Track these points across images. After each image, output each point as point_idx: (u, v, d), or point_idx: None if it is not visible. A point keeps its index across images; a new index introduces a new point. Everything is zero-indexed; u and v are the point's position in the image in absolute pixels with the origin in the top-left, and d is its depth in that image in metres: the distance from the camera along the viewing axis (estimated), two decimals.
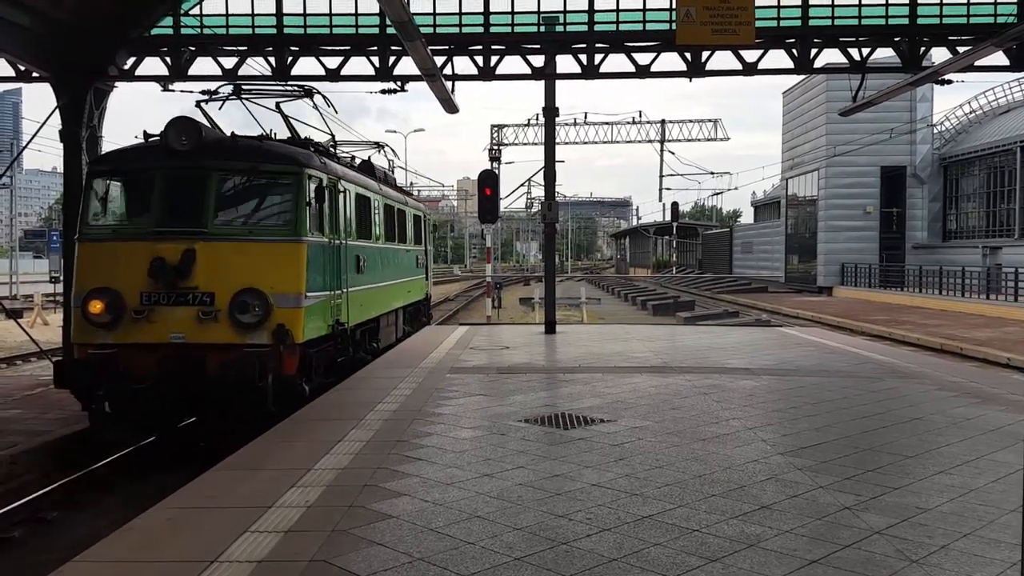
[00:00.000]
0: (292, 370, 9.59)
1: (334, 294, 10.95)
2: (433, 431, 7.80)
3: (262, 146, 10.54)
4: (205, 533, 5.06)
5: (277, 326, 9.45)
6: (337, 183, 11.34)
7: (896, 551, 4.68)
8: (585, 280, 68.25)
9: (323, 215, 10.62)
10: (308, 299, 9.85)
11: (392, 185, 17.57)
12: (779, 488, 5.90)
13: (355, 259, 12.15)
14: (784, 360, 13.07)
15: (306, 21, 15.81)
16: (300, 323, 9.67)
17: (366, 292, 12.97)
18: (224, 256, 9.58)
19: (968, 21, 15.68)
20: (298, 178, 10.07)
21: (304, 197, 10.01)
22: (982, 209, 41.94)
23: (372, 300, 13.52)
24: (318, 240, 10.41)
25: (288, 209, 10.06)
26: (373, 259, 13.52)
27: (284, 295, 9.60)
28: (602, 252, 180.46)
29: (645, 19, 15.76)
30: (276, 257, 9.80)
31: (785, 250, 51.39)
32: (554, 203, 17.81)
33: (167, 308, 9.44)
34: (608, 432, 7.72)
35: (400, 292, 16.70)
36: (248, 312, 9.43)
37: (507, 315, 29.54)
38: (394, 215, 16.05)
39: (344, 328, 11.46)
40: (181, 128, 9.81)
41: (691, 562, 4.52)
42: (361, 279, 12.56)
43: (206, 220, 9.70)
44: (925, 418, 8.45)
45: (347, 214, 11.90)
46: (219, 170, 9.95)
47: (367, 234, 13.32)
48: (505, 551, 4.70)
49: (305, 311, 9.77)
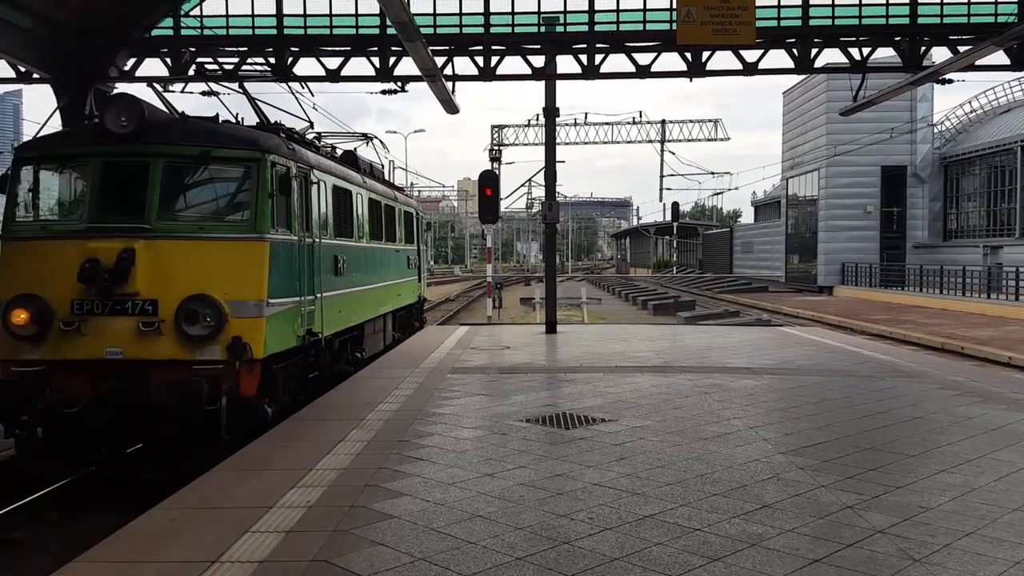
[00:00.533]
0: (251, 390, 8.29)
1: (305, 300, 9.62)
2: (434, 431, 7.80)
3: (216, 128, 9.18)
4: (206, 534, 5.05)
5: (233, 339, 8.14)
6: (309, 173, 10.04)
7: (899, 550, 4.67)
8: (586, 280, 68.24)
9: (291, 209, 9.30)
10: (271, 306, 8.54)
11: (380, 179, 16.11)
12: (781, 487, 5.89)
13: (332, 260, 10.92)
14: (785, 359, 13.06)
15: (306, 22, 15.82)
16: (261, 335, 8.33)
17: (346, 297, 11.70)
18: (170, 257, 8.31)
19: (969, 21, 15.69)
20: (259, 165, 8.69)
21: (266, 187, 8.68)
22: (983, 208, 41.90)
23: (354, 305, 12.24)
24: (284, 238, 9.07)
25: (246, 201, 8.71)
26: (355, 259, 12.26)
27: (241, 302, 8.29)
28: (602, 252, 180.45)
29: (645, 19, 15.78)
30: (232, 258, 8.48)
31: (785, 250, 51.35)
32: (555, 203, 17.81)
33: (102, 318, 8.13)
34: (609, 432, 7.72)
35: (388, 296, 15.49)
36: (198, 323, 8.14)
37: (508, 315, 29.53)
38: (381, 211, 14.79)
39: (318, 339, 10.21)
40: (120, 107, 8.49)
41: (693, 561, 4.51)
42: (340, 282, 11.29)
43: (149, 215, 8.36)
44: (927, 417, 8.44)
45: (323, 209, 10.63)
46: (164, 156, 8.53)
47: (348, 232, 12.05)
48: (506, 551, 4.69)
49: (267, 321, 8.44)
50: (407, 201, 18.75)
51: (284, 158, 9.22)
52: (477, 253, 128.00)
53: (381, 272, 14.54)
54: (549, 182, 18.00)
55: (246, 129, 9.84)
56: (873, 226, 43.96)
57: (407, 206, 18.34)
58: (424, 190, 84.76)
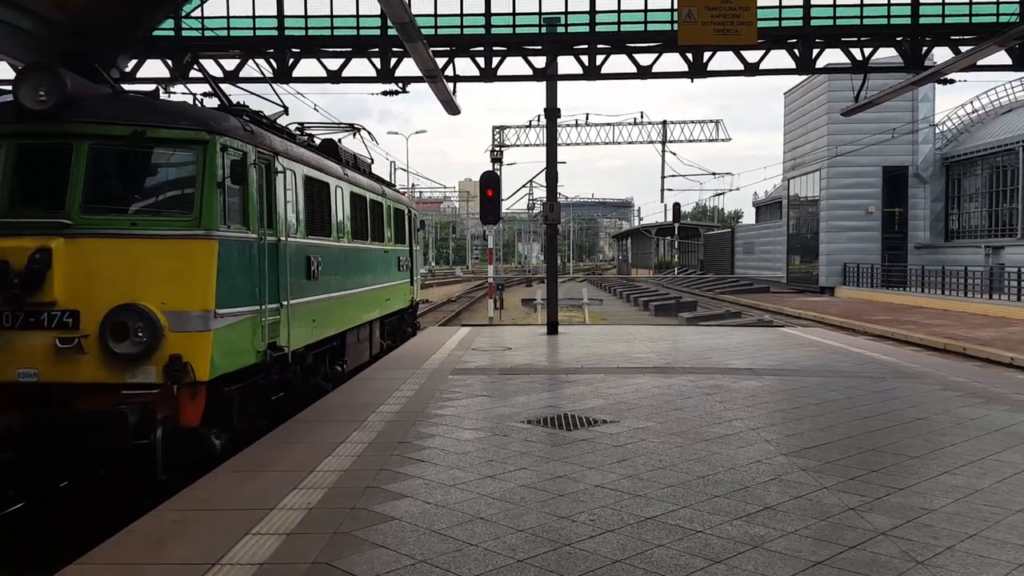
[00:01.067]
0: (194, 419, 7.06)
1: (266, 309, 8.25)
2: (436, 432, 7.79)
3: (153, 104, 7.81)
4: (207, 535, 5.04)
5: (171, 358, 6.86)
6: (273, 160, 8.71)
7: (901, 552, 4.66)
8: (587, 281, 68.24)
9: (248, 202, 7.96)
10: (221, 317, 7.27)
11: (366, 173, 14.68)
12: (783, 489, 5.88)
13: (304, 261, 9.64)
14: (787, 360, 13.04)
15: (307, 23, 15.80)
16: (207, 352, 7.06)
17: (322, 303, 10.39)
18: (95, 259, 7.02)
19: (970, 20, 15.65)
20: (206, 148, 7.40)
21: (215, 175, 7.39)
22: (984, 209, 41.85)
23: (332, 313, 10.95)
24: (238, 236, 7.76)
25: (191, 192, 7.37)
26: (333, 261, 11.03)
27: (182, 313, 7.03)
28: (604, 253, 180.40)
29: (647, 20, 15.74)
30: (172, 260, 7.19)
31: (787, 250, 51.33)
32: (556, 204, 17.80)
33: (12, 333, 6.87)
34: (611, 433, 7.70)
35: (375, 301, 14.13)
36: (128, 338, 6.84)
37: (509, 316, 29.53)
38: (366, 208, 13.47)
39: (284, 353, 8.80)
40: (38, 79, 7.18)
41: (695, 563, 4.50)
42: (314, 287, 10.00)
43: (69, 208, 7.06)
44: (929, 418, 8.42)
45: (291, 203, 9.33)
46: (91, 137, 7.23)
47: (324, 230, 10.75)
48: (508, 553, 4.68)
49: (216, 335, 7.17)
50: (397, 197, 17.46)
51: (240, 141, 7.91)
52: (478, 254, 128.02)
53: (366, 275, 13.25)
54: (550, 183, 17.99)
55: (191, 106, 8.55)
56: (875, 227, 43.94)
57: (397, 203, 17.06)
58: (425, 191, 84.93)
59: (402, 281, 16.95)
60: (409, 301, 18.13)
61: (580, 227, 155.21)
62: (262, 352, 8.22)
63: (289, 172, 9.26)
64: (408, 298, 17.91)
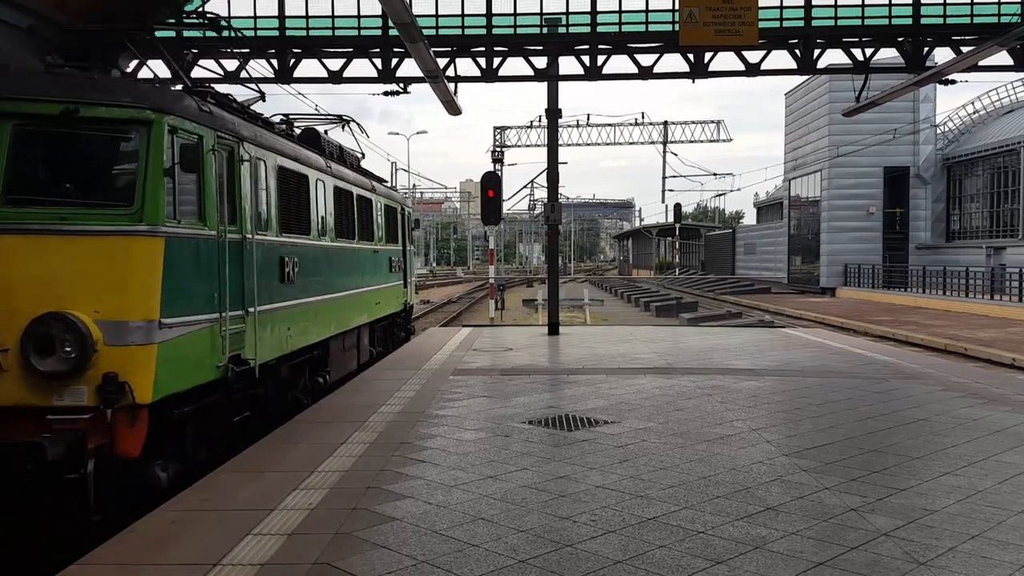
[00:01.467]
0: (133, 449, 6.13)
1: (228, 317, 7.32)
2: (437, 433, 7.78)
3: (90, 79, 6.79)
4: (208, 536, 5.04)
5: (105, 377, 5.91)
6: (237, 147, 7.76)
7: (903, 553, 4.65)
8: (588, 281, 68.24)
9: (205, 193, 7.06)
10: (168, 328, 6.36)
11: (353, 167, 13.71)
12: (784, 489, 5.87)
13: (277, 262, 8.72)
14: (788, 361, 13.03)
15: (308, 23, 15.81)
16: (149, 369, 6.15)
17: (300, 309, 9.45)
18: (14, 259, 6.08)
19: (972, 21, 15.65)
20: (150, 129, 6.42)
21: (160, 161, 6.42)
22: (986, 209, 41.83)
23: (312, 319, 10.03)
24: (192, 232, 6.85)
25: (131, 180, 6.38)
26: (313, 262, 10.16)
27: (120, 323, 6.07)
28: (605, 253, 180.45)
29: (648, 20, 15.75)
30: (108, 260, 6.21)
31: (788, 251, 51.34)
32: (557, 205, 17.80)
33: None
34: (612, 434, 7.70)
35: (364, 305, 13.20)
36: (53, 353, 5.90)
37: (510, 317, 29.51)
38: (352, 204, 12.50)
39: (250, 367, 7.82)
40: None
41: (696, 564, 4.49)
42: (289, 291, 9.07)
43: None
44: (930, 419, 8.41)
45: (261, 196, 8.40)
46: (13, 117, 6.28)
47: (302, 227, 9.84)
48: (509, 553, 4.67)
49: (161, 349, 6.26)
50: (389, 194, 16.45)
51: (193, 123, 6.93)
52: (479, 255, 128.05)
53: (352, 277, 12.35)
54: (551, 183, 17.99)
55: (135, 81, 7.51)
56: (876, 227, 43.94)
57: (389, 199, 16.07)
58: (427, 191, 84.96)
59: (394, 283, 16.06)
60: (402, 304, 17.22)
61: (581, 228, 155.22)
62: (223, 367, 7.25)
63: (258, 161, 8.31)
64: (401, 301, 17.00)
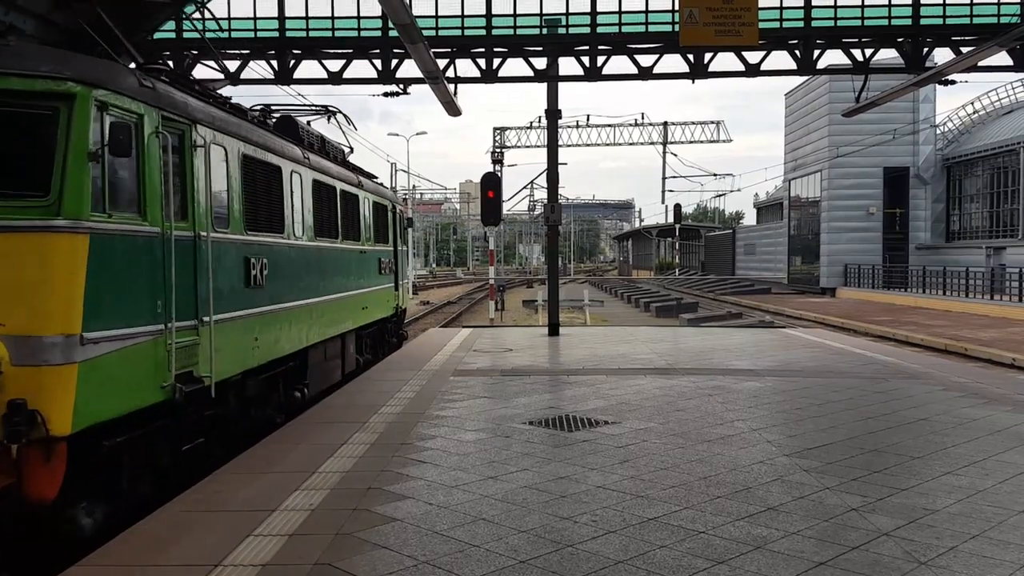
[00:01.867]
0: (48, 492, 5.22)
1: (175, 328, 6.35)
2: (437, 434, 7.78)
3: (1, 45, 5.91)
4: (209, 537, 5.04)
5: (11, 405, 5.03)
6: (191, 130, 6.80)
7: (904, 553, 4.65)
8: (588, 282, 68.24)
9: (145, 182, 6.10)
10: (94, 344, 5.44)
11: (338, 160, 12.87)
12: (785, 489, 5.87)
13: (241, 264, 7.78)
14: (788, 361, 13.04)
15: (308, 24, 15.82)
16: (67, 394, 5.23)
17: (270, 317, 8.51)
18: None
19: (971, 21, 15.66)
20: (72, 105, 5.47)
21: (84, 141, 5.47)
22: (985, 210, 41.85)
23: (285, 327, 9.07)
24: (128, 228, 5.90)
25: (48, 165, 5.40)
26: (288, 263, 9.21)
27: (30, 339, 5.19)
28: (605, 254, 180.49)
29: (648, 21, 15.75)
30: (16, 261, 5.28)
31: (788, 251, 51.37)
32: (557, 205, 17.80)
33: None
34: (613, 434, 7.70)
35: (349, 310, 12.23)
36: None
37: (510, 317, 29.52)
38: (335, 200, 11.62)
39: (205, 386, 6.86)
40: None
41: (697, 564, 4.49)
42: (257, 297, 8.10)
43: None
44: (931, 419, 8.41)
45: (222, 188, 7.44)
46: None
47: (274, 224, 8.84)
48: (510, 554, 4.67)
49: (84, 369, 5.33)
50: (379, 191, 15.39)
51: (130, 99, 5.99)
52: (479, 255, 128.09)
53: (336, 279, 11.44)
54: (551, 184, 17.99)
55: (59, 50, 6.41)
56: (876, 227, 43.96)
57: (378, 196, 15.05)
58: (427, 192, 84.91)
59: (384, 286, 15.16)
60: (393, 309, 16.25)
61: (581, 228, 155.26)
62: (169, 387, 6.32)
63: (217, 148, 7.33)
64: (391, 305, 16.06)
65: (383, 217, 15.36)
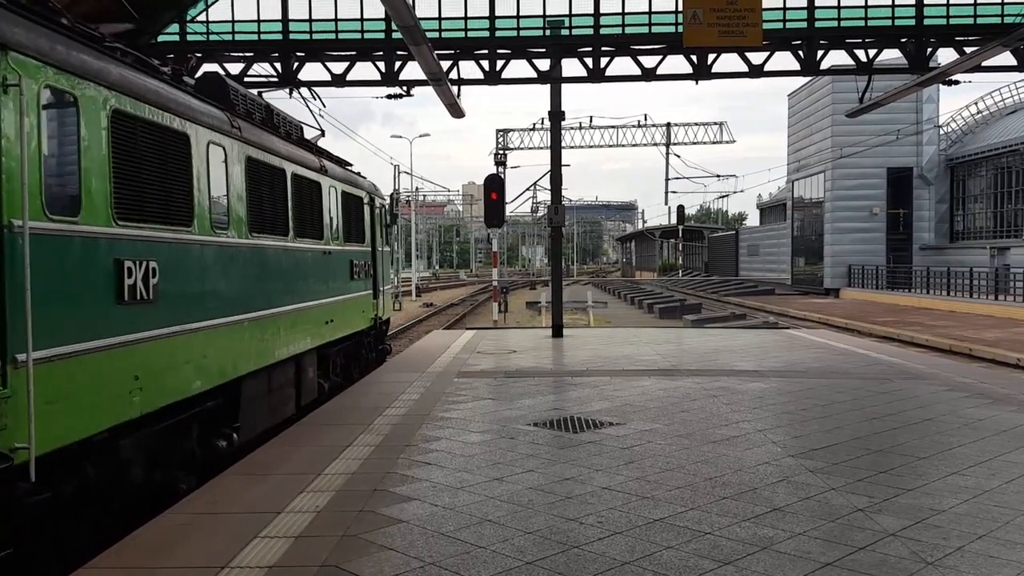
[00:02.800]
0: None
1: None
2: (442, 435, 7.79)
3: None
4: (216, 539, 5.05)
5: None
6: None
7: (911, 553, 4.65)
8: (591, 284, 68.21)
9: None
10: None
11: (294, 138, 10.67)
12: (791, 490, 5.87)
13: (104, 270, 5.55)
14: (793, 362, 13.02)
15: (311, 27, 15.86)
16: None
17: (160, 345, 6.23)
18: None
19: (975, 22, 15.67)
20: None
21: None
22: (989, 210, 41.81)
23: (195, 355, 6.85)
24: None
25: None
26: (197, 268, 6.96)
27: None
28: (608, 256, 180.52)
29: (651, 22, 15.78)
30: None
31: (791, 252, 51.35)
32: (560, 207, 17.80)
33: None
34: (618, 435, 7.70)
35: (307, 325, 10.08)
36: None
37: (514, 319, 29.52)
38: (284, 186, 9.41)
39: (13, 464, 4.53)
40: None
41: (704, 565, 4.49)
42: (138, 316, 5.94)
43: None
44: (936, 419, 8.40)
45: (64, 152, 5.28)
46: None
47: (174, 213, 6.58)
48: (516, 555, 4.67)
49: None
50: (351, 178, 12.99)
51: None
52: (482, 257, 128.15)
53: (287, 288, 9.33)
54: (555, 185, 17.99)
55: None
56: (879, 228, 43.93)
57: (350, 185, 12.71)
58: (430, 194, 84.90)
59: (358, 294, 12.78)
60: (371, 320, 13.89)
61: (584, 230, 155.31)
62: None
63: (52, 94, 5.12)
64: (369, 316, 13.73)
65: (357, 211, 13.01)
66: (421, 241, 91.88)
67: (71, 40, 5.49)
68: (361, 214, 13.39)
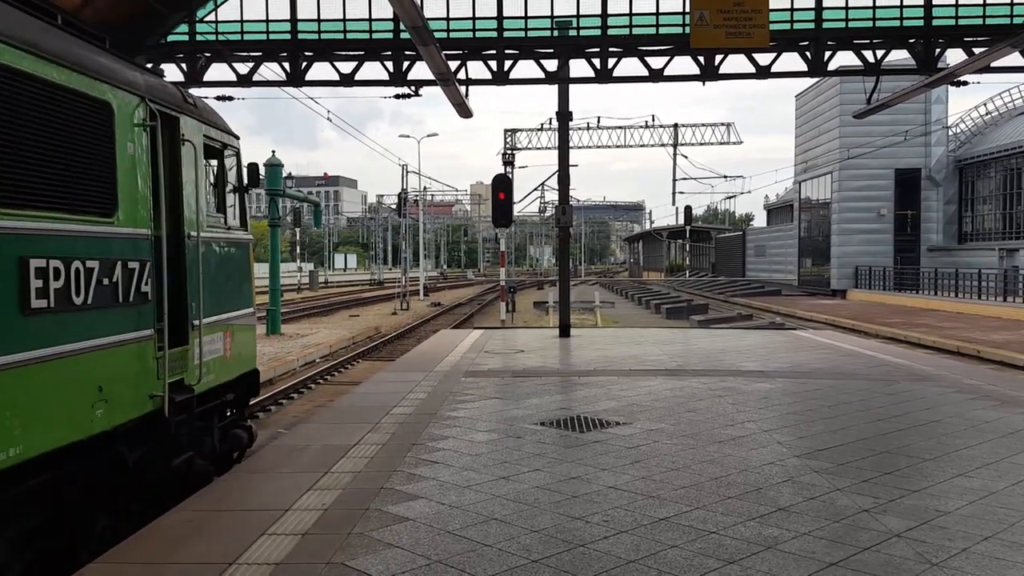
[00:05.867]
0: None
1: None
2: (449, 434, 7.81)
3: None
4: (224, 535, 5.08)
5: None
6: None
7: (916, 554, 4.65)
8: (599, 284, 68.14)
9: None
10: None
11: None
12: (796, 490, 5.88)
13: None
14: (799, 363, 13.01)
15: (320, 27, 15.91)
16: None
17: None
18: None
19: (984, 22, 15.63)
20: None
21: None
22: (998, 211, 41.63)
23: None
24: None
25: None
26: None
27: None
28: (615, 256, 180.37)
29: (658, 23, 15.79)
30: None
31: (798, 253, 51.22)
32: (568, 207, 17.81)
33: None
34: (624, 435, 7.71)
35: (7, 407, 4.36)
36: None
37: (521, 319, 29.53)
38: None
39: None
40: None
41: (709, 564, 4.51)
42: None
43: None
44: (943, 420, 8.39)
45: None
46: None
47: None
48: (522, 553, 4.70)
49: None
50: (159, 90, 6.40)
51: None
52: (490, 257, 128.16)
53: None
54: (562, 186, 18.01)
55: None
56: (887, 229, 43.79)
57: (157, 101, 6.21)
58: (438, 194, 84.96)
59: (143, 332, 5.86)
60: (148, 403, 6.01)
61: (592, 230, 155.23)
62: None
63: None
64: (138, 396, 5.87)
65: (170, 162, 6.40)
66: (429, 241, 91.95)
67: None
68: (191, 171, 6.77)
